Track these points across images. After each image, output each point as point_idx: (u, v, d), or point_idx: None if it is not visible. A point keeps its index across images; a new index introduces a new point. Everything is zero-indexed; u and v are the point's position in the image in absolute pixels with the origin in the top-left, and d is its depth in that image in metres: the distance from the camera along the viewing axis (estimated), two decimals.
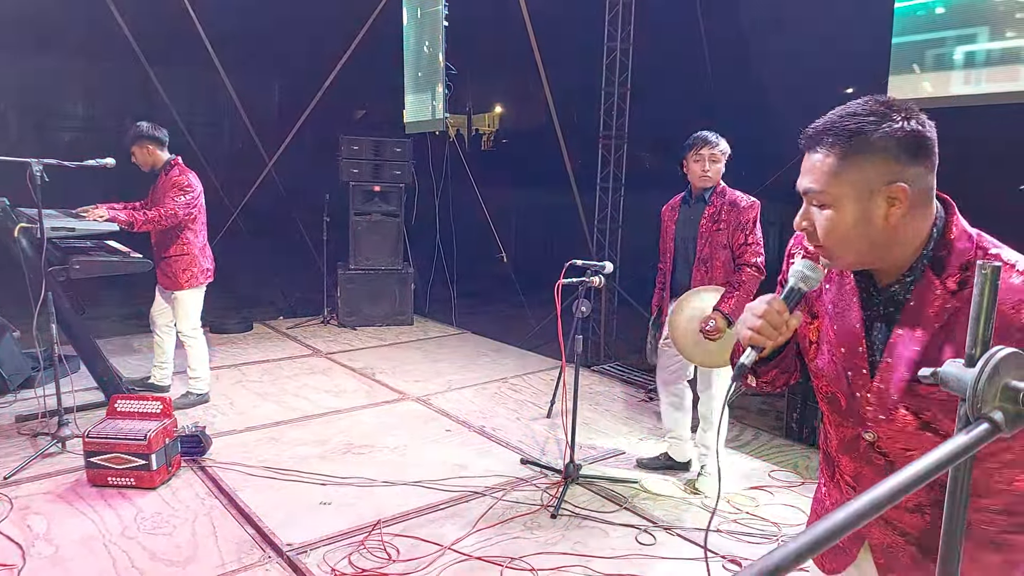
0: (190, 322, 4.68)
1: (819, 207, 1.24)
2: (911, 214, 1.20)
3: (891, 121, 1.17)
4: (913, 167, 1.18)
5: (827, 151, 1.21)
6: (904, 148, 1.17)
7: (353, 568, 2.91)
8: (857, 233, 1.21)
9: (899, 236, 1.21)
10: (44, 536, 3.09)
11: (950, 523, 0.76)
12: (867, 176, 1.18)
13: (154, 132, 4.50)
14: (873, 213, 1.19)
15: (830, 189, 1.21)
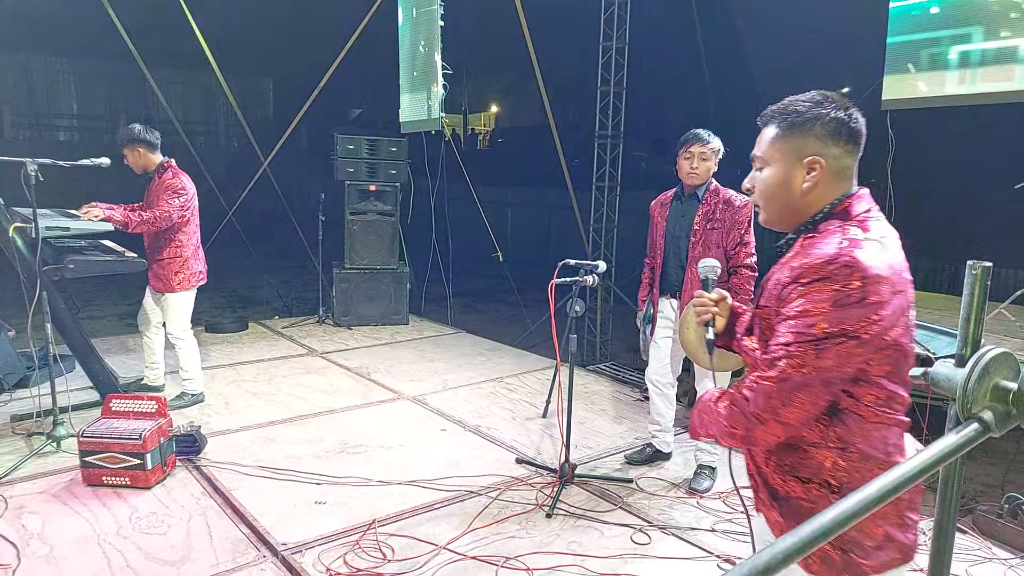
0: (180, 324, 4.67)
1: (759, 170, 1.57)
2: (821, 186, 1.49)
3: (824, 109, 1.48)
4: (833, 148, 1.48)
5: (771, 126, 1.54)
6: (829, 131, 1.47)
7: (348, 568, 2.91)
8: (780, 192, 1.52)
9: (806, 202, 1.50)
10: (39, 536, 3.08)
11: (942, 518, 0.76)
12: (796, 146, 1.49)
13: (146, 135, 4.48)
14: (794, 177, 1.50)
15: (767, 154, 1.54)
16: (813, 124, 1.48)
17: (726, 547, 3.15)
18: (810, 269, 1.40)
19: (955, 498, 0.77)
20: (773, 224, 1.60)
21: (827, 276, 1.37)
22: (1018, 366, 0.77)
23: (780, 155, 1.52)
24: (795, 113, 1.50)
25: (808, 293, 1.39)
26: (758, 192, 1.58)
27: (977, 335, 0.79)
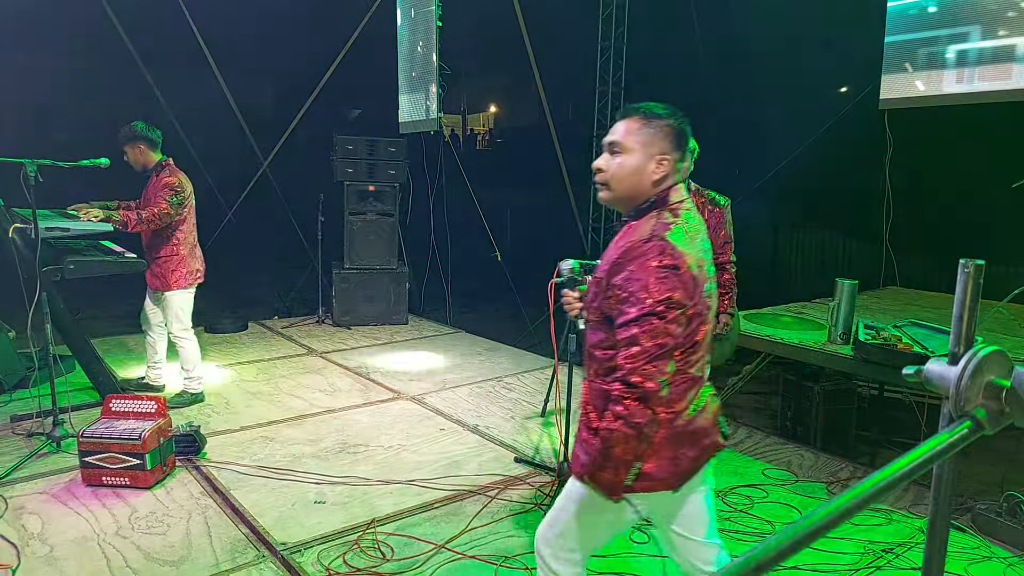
0: (180, 323, 4.67)
1: (613, 155, 1.83)
2: (662, 181, 1.80)
3: (673, 118, 1.82)
4: (675, 151, 1.81)
5: (633, 120, 1.82)
6: (674, 136, 1.81)
7: (347, 567, 2.92)
8: (632, 177, 1.81)
9: (647, 191, 1.81)
10: (39, 536, 3.09)
11: (936, 517, 0.77)
12: (651, 142, 1.79)
13: (147, 133, 4.50)
14: (646, 167, 1.80)
15: (627, 143, 1.81)
16: (666, 128, 1.80)
17: (725, 545, 3.15)
18: (631, 249, 1.69)
19: (948, 496, 0.78)
20: (614, 203, 1.88)
21: (644, 254, 1.67)
22: (1011, 364, 0.77)
23: (639, 146, 1.80)
24: (654, 115, 1.81)
25: (633, 271, 1.67)
26: (612, 175, 1.83)
27: (970, 333, 0.79)
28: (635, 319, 1.64)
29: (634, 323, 1.64)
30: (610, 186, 1.84)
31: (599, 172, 1.85)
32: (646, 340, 1.63)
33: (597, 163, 1.86)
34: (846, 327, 3.77)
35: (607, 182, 1.84)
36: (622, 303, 1.68)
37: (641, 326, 1.63)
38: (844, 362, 3.70)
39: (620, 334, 1.68)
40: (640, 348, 1.63)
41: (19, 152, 3.80)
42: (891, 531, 3.27)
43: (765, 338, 4.02)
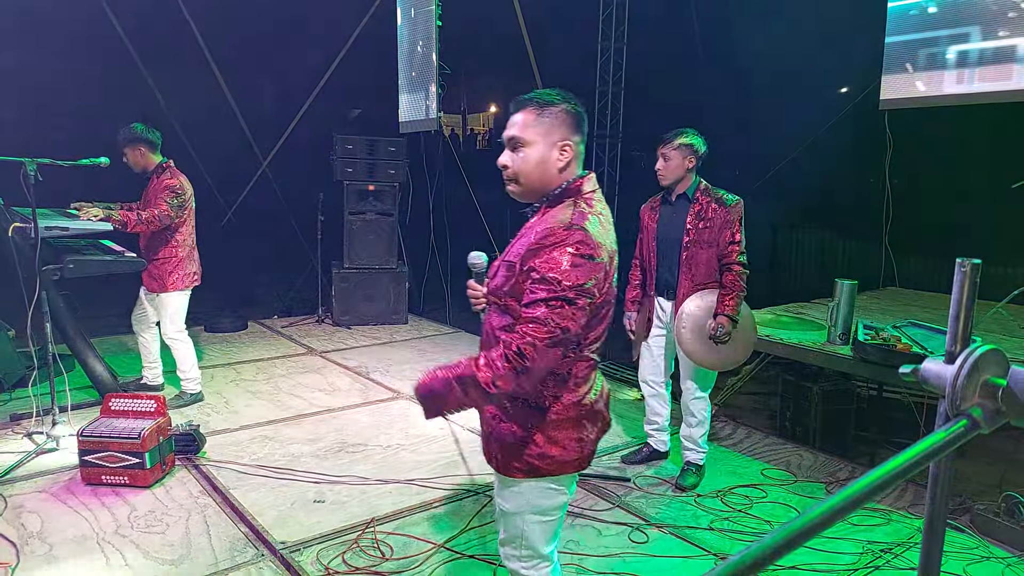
0: (175, 325, 4.67)
1: (516, 150, 1.82)
2: (568, 167, 1.82)
3: (567, 101, 1.81)
4: (576, 135, 1.83)
5: (528, 112, 1.81)
6: (573, 119, 1.82)
7: (347, 566, 2.92)
8: (538, 169, 1.81)
9: (555, 179, 1.82)
10: (38, 534, 3.09)
11: (932, 516, 0.77)
12: (550, 131, 1.79)
13: (147, 134, 4.49)
14: (551, 157, 1.80)
15: (527, 136, 1.80)
16: (563, 114, 1.81)
17: (724, 545, 3.16)
18: (551, 233, 1.71)
19: (945, 494, 0.78)
20: (524, 196, 1.87)
21: (564, 240, 1.69)
22: (1007, 363, 0.77)
23: (539, 137, 1.80)
24: (548, 103, 1.80)
25: (551, 255, 1.69)
26: (517, 170, 1.82)
27: (967, 332, 0.79)
28: (545, 299, 1.67)
29: (543, 303, 1.68)
30: (518, 181, 1.84)
31: (505, 168, 1.85)
32: (551, 322, 1.67)
33: (501, 160, 1.86)
34: (845, 327, 3.78)
35: (514, 178, 1.85)
36: (535, 283, 1.70)
37: (551, 308, 1.66)
38: (843, 362, 3.70)
39: (527, 313, 1.70)
40: (544, 328, 1.66)
41: (19, 151, 3.80)
42: (890, 531, 3.28)
43: (764, 338, 4.02)
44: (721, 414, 4.83)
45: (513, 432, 1.88)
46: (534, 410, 1.86)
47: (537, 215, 1.86)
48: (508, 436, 1.89)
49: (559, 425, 1.87)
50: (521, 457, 1.89)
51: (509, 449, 1.89)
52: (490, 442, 1.95)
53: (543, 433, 1.87)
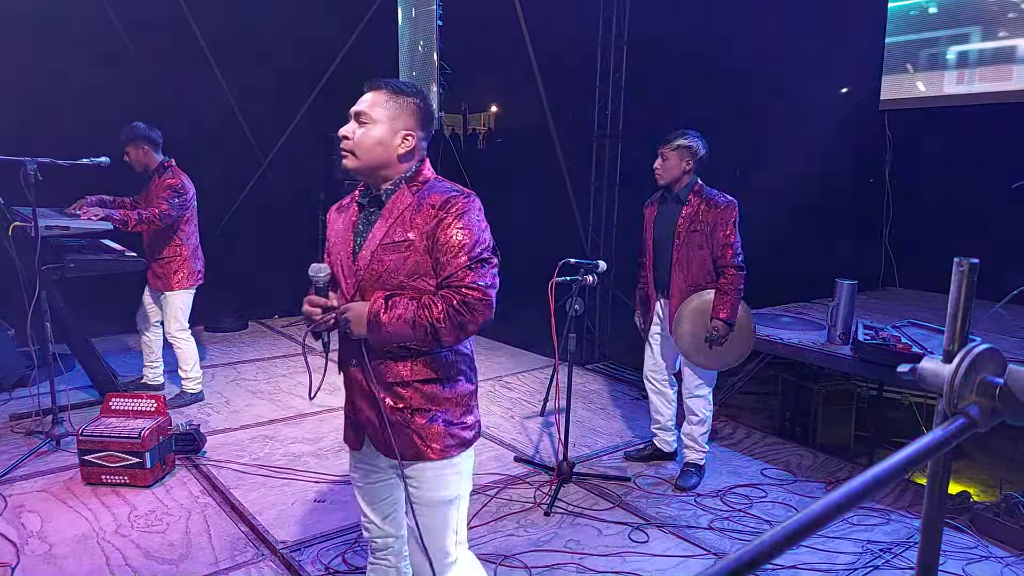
0: (178, 324, 4.67)
1: (361, 124, 1.87)
2: (407, 154, 1.89)
3: (419, 97, 1.91)
4: (421, 128, 1.91)
5: (382, 94, 1.88)
6: (420, 114, 1.91)
7: (347, 566, 2.92)
8: (377, 148, 1.86)
9: (394, 164, 1.88)
10: (38, 534, 3.09)
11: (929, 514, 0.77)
12: (397, 116, 1.87)
13: (149, 133, 4.50)
14: (392, 141, 1.86)
15: (373, 114, 1.86)
16: (412, 105, 1.89)
17: (724, 544, 3.17)
18: (450, 204, 1.81)
19: (942, 493, 0.78)
20: (358, 171, 1.90)
21: (467, 208, 1.82)
22: (1005, 362, 0.78)
23: (384, 118, 1.86)
24: (400, 91, 1.88)
25: (464, 223, 1.80)
26: (357, 143, 1.86)
27: (965, 331, 0.80)
28: (469, 265, 1.80)
29: (469, 268, 1.80)
30: (356, 154, 1.87)
31: (344, 140, 1.88)
32: (491, 275, 1.84)
33: (343, 130, 1.89)
34: (845, 327, 3.78)
35: (352, 150, 1.88)
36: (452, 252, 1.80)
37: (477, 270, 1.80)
38: (843, 362, 3.70)
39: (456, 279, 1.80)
40: (480, 287, 1.80)
41: (19, 151, 3.80)
42: (889, 531, 3.28)
43: (764, 338, 4.03)
44: (721, 414, 4.83)
45: (442, 409, 1.92)
46: (454, 379, 1.94)
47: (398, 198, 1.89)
48: (437, 416, 1.91)
49: (471, 394, 2.00)
50: (453, 432, 1.93)
51: (439, 429, 1.91)
52: (408, 432, 1.91)
53: (466, 404, 1.97)
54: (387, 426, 1.90)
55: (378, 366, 1.92)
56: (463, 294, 1.79)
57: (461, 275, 1.80)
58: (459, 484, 1.98)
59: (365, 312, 1.82)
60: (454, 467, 1.95)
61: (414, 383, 1.90)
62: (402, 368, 1.90)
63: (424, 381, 1.90)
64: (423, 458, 1.92)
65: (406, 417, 1.91)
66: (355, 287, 1.91)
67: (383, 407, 1.91)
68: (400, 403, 1.91)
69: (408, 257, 1.84)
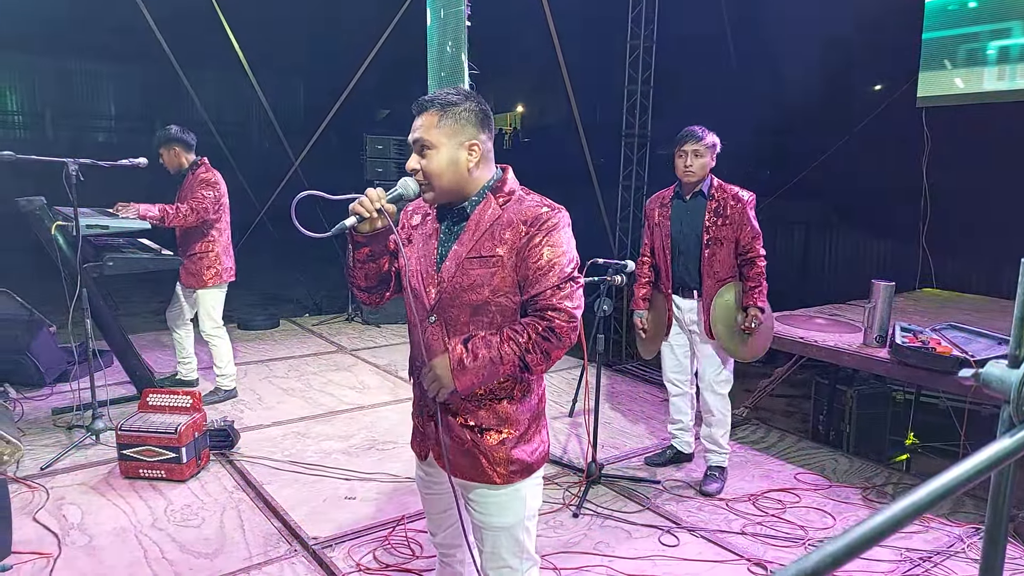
0: (212, 321, 4.74)
1: (423, 155, 1.78)
2: (480, 165, 1.80)
3: (469, 99, 1.79)
4: (482, 131, 1.80)
5: (432, 114, 1.77)
6: (477, 118, 1.79)
7: (378, 563, 2.94)
8: (449, 171, 1.77)
9: (470, 178, 1.80)
10: (78, 526, 3.16)
11: (993, 525, 0.75)
12: (456, 131, 1.76)
13: (182, 135, 4.57)
14: (460, 157, 1.77)
15: (431, 138, 1.76)
16: (467, 114, 1.78)
17: (756, 550, 3.12)
18: (538, 222, 1.75)
19: (1006, 505, 0.76)
20: (439, 200, 1.83)
21: (557, 226, 1.76)
22: None
23: (444, 139, 1.77)
24: (451, 104, 1.77)
25: (554, 241, 1.75)
26: (427, 172, 1.78)
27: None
28: (558, 284, 1.75)
29: (567, 282, 1.76)
30: (431, 185, 1.79)
31: (414, 173, 1.80)
32: (578, 296, 1.79)
33: (409, 165, 1.81)
34: (882, 330, 3.71)
35: (427, 183, 1.80)
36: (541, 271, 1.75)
37: (577, 284, 1.78)
38: (880, 365, 3.63)
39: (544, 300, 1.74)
40: (567, 311, 1.75)
41: (61, 153, 3.89)
42: (929, 539, 3.21)
43: (798, 340, 3.97)
44: (752, 417, 4.77)
45: (512, 429, 1.85)
46: (525, 395, 1.87)
47: (483, 209, 1.82)
48: (506, 438, 1.84)
49: (540, 413, 1.93)
50: (520, 457, 1.85)
51: (506, 453, 1.84)
52: (475, 453, 1.85)
53: (535, 425, 1.90)
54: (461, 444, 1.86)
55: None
56: (549, 319, 1.73)
57: (549, 295, 1.74)
58: (522, 509, 1.91)
59: (447, 363, 1.75)
60: (517, 494, 1.88)
61: (485, 400, 1.84)
62: None
63: (495, 399, 1.84)
64: (488, 481, 1.86)
65: (475, 436, 1.84)
66: (436, 297, 1.84)
67: (451, 425, 1.86)
68: (470, 420, 1.85)
69: (495, 273, 1.78)
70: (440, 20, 7.28)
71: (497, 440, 1.84)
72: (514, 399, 1.85)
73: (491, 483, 1.85)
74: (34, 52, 5.67)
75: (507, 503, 1.88)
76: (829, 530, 3.34)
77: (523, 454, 1.86)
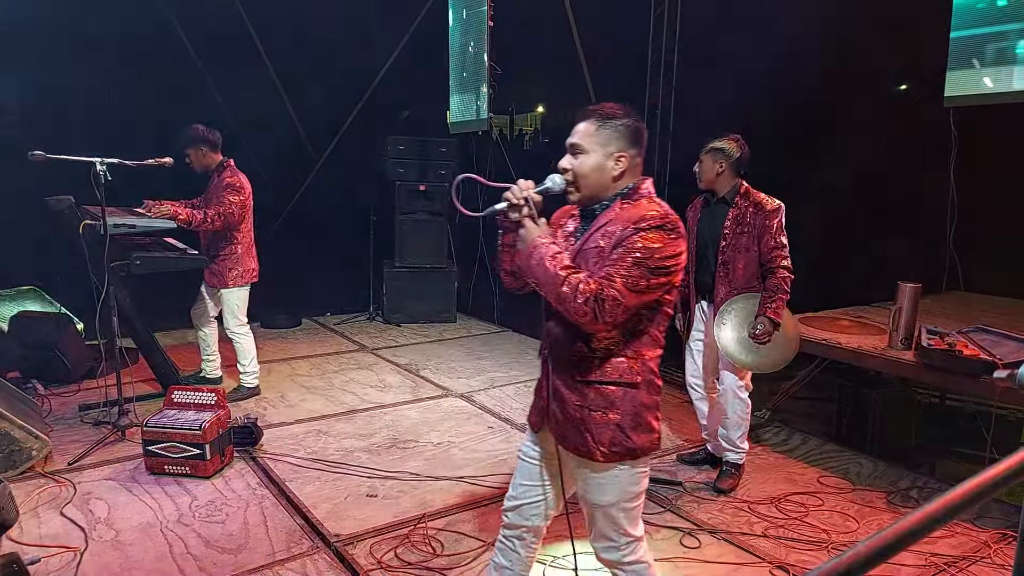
0: (237, 320, 4.80)
1: (575, 156, 1.99)
2: (622, 174, 1.99)
3: (628, 117, 1.99)
4: (632, 147, 1.99)
5: (591, 123, 1.98)
6: (630, 133, 1.99)
7: (399, 561, 2.95)
8: (594, 175, 1.98)
9: (611, 185, 2.00)
10: (105, 520, 3.21)
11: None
12: (608, 142, 1.97)
13: (208, 135, 4.63)
14: (607, 165, 1.98)
15: (586, 145, 1.98)
16: (622, 127, 1.97)
17: (779, 553, 3.10)
18: (641, 221, 1.89)
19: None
20: (581, 200, 2.02)
21: (663, 226, 1.89)
22: None
23: (597, 146, 1.97)
24: (611, 117, 1.97)
25: (647, 236, 1.87)
26: (576, 174, 1.98)
27: None
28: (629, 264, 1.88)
29: (622, 265, 1.88)
30: (577, 184, 1.99)
31: (564, 172, 2.00)
32: (636, 297, 1.89)
33: (562, 163, 2.01)
34: (908, 332, 3.65)
35: (573, 182, 2.00)
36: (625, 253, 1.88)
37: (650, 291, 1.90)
38: (906, 368, 3.58)
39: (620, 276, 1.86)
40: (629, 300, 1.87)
41: (89, 152, 3.95)
42: (955, 544, 3.16)
43: (822, 342, 3.92)
44: (775, 419, 4.73)
45: (615, 416, 1.97)
46: (635, 386, 1.98)
47: (607, 214, 1.99)
48: (611, 419, 1.97)
49: (650, 404, 2.02)
50: (620, 440, 1.97)
51: (610, 434, 1.97)
52: (581, 432, 1.99)
53: (644, 412, 2.00)
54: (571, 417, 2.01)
55: (566, 363, 2.01)
56: (602, 285, 1.83)
57: (614, 271, 1.86)
58: (619, 493, 2.03)
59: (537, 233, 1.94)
60: (617, 475, 2.01)
61: (596, 383, 1.98)
62: (588, 367, 1.98)
63: (606, 383, 1.97)
64: (590, 458, 2.00)
65: (584, 415, 1.99)
66: None
67: (566, 401, 2.02)
68: (581, 400, 1.99)
69: (598, 263, 1.94)
70: (462, 21, 7.31)
71: (603, 421, 1.97)
72: (624, 387, 1.98)
73: (593, 459, 1.99)
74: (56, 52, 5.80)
75: (606, 482, 2.03)
76: (852, 534, 3.30)
77: (626, 437, 1.98)
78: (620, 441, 1.98)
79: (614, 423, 1.97)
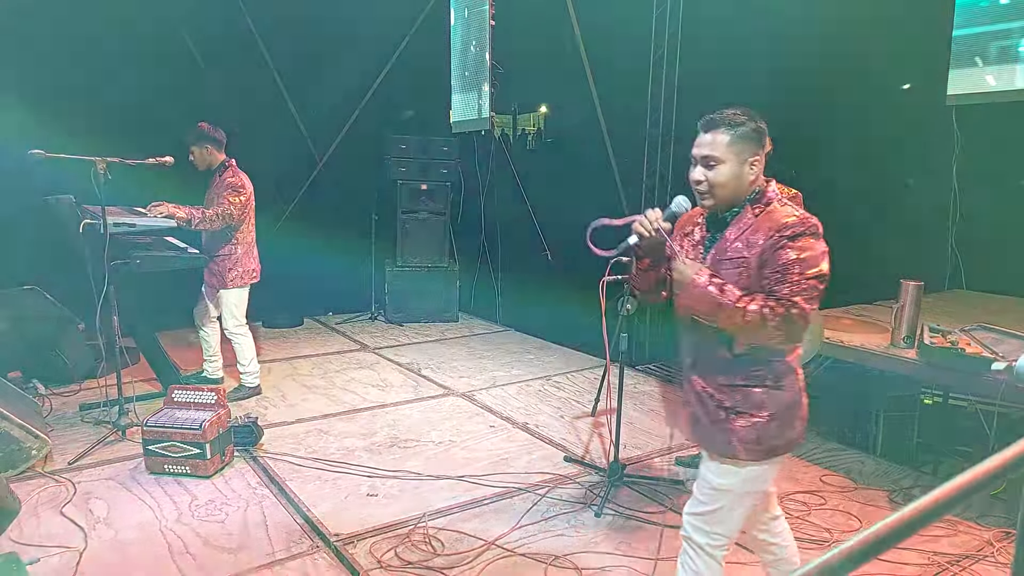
0: (235, 320, 4.80)
1: (710, 168, 2.02)
2: (756, 179, 2.05)
3: (752, 121, 2.03)
4: (761, 148, 2.05)
5: (722, 133, 2.01)
6: (758, 135, 2.03)
7: (399, 560, 2.95)
8: (732, 183, 2.02)
9: (746, 189, 2.05)
10: (105, 520, 3.21)
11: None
12: (742, 150, 2.01)
13: (213, 133, 4.64)
14: (743, 172, 2.02)
15: (721, 155, 2.01)
16: (752, 133, 2.01)
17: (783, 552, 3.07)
18: (786, 229, 1.94)
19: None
20: (715, 208, 2.07)
21: (807, 231, 1.93)
22: None
23: (732, 155, 2.00)
24: (740, 124, 2.01)
25: (799, 245, 1.92)
26: (713, 184, 2.02)
27: None
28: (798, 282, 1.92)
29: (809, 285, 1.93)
30: (713, 195, 2.03)
31: (699, 184, 2.04)
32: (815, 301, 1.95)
33: (695, 176, 2.05)
34: (911, 330, 3.64)
35: (709, 192, 2.03)
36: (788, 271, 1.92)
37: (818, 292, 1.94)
38: (909, 366, 3.56)
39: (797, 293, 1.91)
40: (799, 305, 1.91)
41: (90, 151, 3.94)
42: (957, 542, 3.14)
43: (825, 341, 3.90)
44: None
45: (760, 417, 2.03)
46: (774, 389, 2.04)
47: (740, 219, 2.05)
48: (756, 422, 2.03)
49: (796, 403, 2.09)
50: (758, 440, 2.02)
51: (758, 435, 2.02)
52: (715, 432, 2.07)
53: (790, 409, 2.07)
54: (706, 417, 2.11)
55: (711, 368, 2.09)
56: (785, 306, 1.88)
57: (788, 290, 1.90)
58: (735, 482, 2.08)
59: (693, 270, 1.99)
60: (742, 467, 2.06)
61: (741, 387, 2.04)
62: (733, 372, 2.05)
63: (751, 386, 2.04)
64: (735, 457, 2.05)
65: (728, 417, 2.06)
66: None
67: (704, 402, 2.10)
68: (729, 403, 2.06)
69: (741, 273, 1.99)
70: (464, 20, 7.30)
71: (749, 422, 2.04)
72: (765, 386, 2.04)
73: (737, 458, 2.05)
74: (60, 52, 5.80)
75: (734, 471, 2.08)
76: (854, 533, 3.28)
77: (771, 436, 2.04)
78: (766, 440, 2.03)
79: (760, 424, 2.02)
